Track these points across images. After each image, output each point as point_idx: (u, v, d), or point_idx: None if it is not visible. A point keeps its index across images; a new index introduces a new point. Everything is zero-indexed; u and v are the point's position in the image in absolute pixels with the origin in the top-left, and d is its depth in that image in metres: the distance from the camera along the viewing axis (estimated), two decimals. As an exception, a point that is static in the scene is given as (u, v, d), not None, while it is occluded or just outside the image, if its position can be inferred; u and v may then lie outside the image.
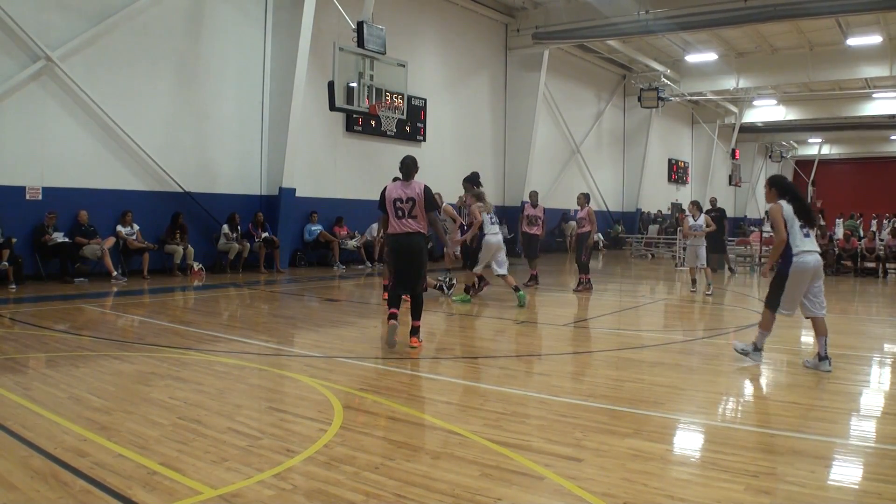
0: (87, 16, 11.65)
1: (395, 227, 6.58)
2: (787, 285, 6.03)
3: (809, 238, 6.04)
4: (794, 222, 6.02)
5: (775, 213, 6.06)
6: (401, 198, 6.53)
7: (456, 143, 19.79)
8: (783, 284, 6.04)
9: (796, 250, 5.97)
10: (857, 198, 37.43)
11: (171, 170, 12.96)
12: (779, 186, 6.28)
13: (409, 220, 6.53)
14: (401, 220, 6.54)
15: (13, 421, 4.07)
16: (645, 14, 18.25)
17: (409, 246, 6.57)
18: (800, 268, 5.95)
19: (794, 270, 5.95)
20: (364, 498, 3.10)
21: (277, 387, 5.32)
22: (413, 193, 6.51)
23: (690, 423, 4.52)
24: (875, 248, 16.51)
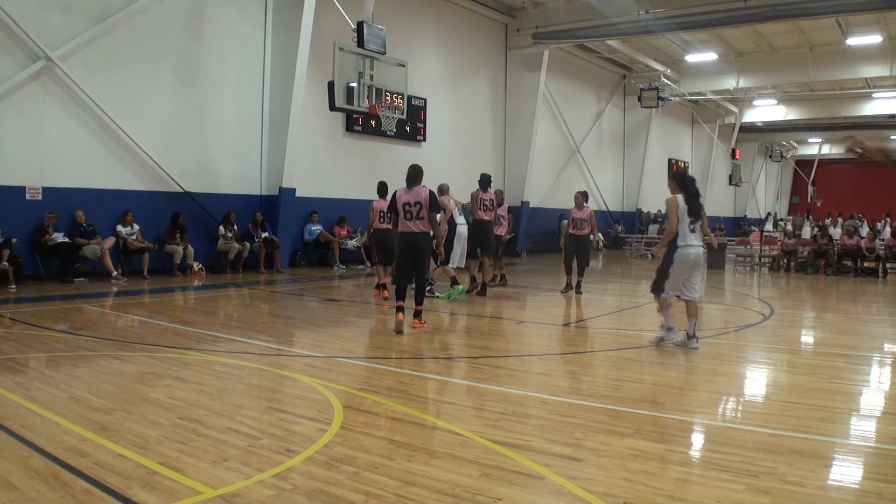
0: (87, 16, 11.65)
1: (404, 226, 7.52)
2: (670, 272, 6.73)
3: (695, 234, 6.68)
4: (685, 217, 6.63)
5: (671, 205, 6.67)
6: (409, 202, 7.45)
7: (456, 143, 19.79)
8: (667, 271, 6.75)
9: (682, 243, 6.64)
10: (857, 198, 37.42)
11: (171, 170, 12.96)
12: (680, 181, 6.87)
13: (416, 221, 7.44)
14: (409, 221, 7.46)
15: (13, 421, 4.07)
16: (645, 14, 18.26)
17: (414, 243, 7.49)
18: (682, 258, 6.63)
19: (677, 259, 6.65)
20: (364, 498, 3.10)
21: (277, 387, 5.32)
22: (420, 198, 7.44)
23: (690, 423, 4.52)
24: (875, 248, 16.50)
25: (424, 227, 7.49)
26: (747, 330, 8.38)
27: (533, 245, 22.48)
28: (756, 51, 24.42)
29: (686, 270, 6.73)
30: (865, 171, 41.38)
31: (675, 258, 6.68)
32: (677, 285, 6.81)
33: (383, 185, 10.36)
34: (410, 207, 7.45)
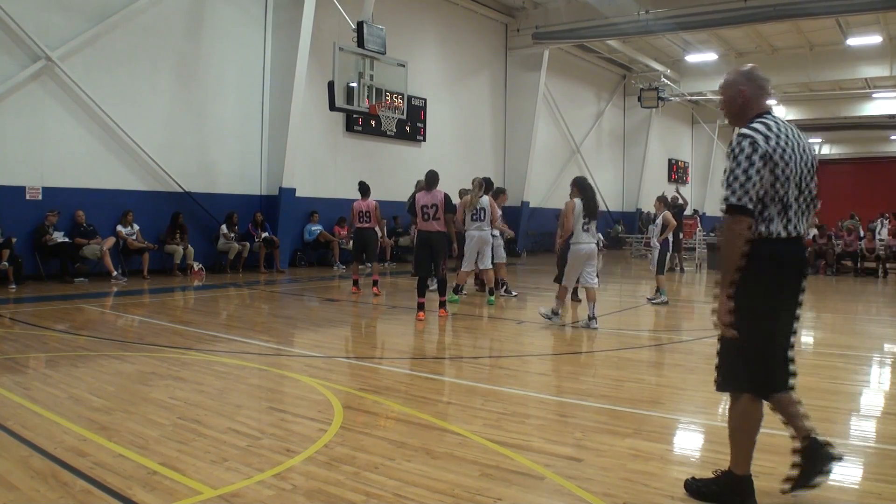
0: (87, 16, 11.65)
1: (422, 226, 8.52)
2: (567, 265, 8.02)
3: (588, 233, 7.87)
4: (580, 219, 7.78)
5: (569, 207, 7.87)
6: (427, 204, 8.40)
7: (456, 143, 19.79)
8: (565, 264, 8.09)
9: (575, 240, 7.88)
10: (858, 198, 37.41)
11: (171, 170, 12.97)
12: (579, 186, 8.03)
13: (433, 221, 8.39)
14: (427, 222, 8.41)
15: (13, 421, 4.07)
16: (645, 14, 18.26)
17: (430, 241, 8.42)
18: (575, 253, 7.89)
19: (571, 254, 7.93)
20: (364, 498, 3.10)
21: (277, 387, 5.32)
22: (436, 200, 8.38)
23: (690, 423, 4.52)
24: (875, 248, 16.50)
25: (440, 227, 8.42)
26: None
27: (533, 245, 22.48)
28: (756, 51, 24.42)
29: (581, 262, 7.93)
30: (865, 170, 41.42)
31: (570, 253, 7.95)
32: (575, 276, 8.08)
33: (363, 186, 10.65)
34: (428, 209, 8.38)
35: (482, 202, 9.91)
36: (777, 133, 2.98)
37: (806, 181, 3.03)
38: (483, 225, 9.89)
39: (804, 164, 3.02)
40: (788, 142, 2.99)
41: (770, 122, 3.01)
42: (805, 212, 3.06)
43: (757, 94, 3.11)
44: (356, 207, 10.56)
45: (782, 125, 3.04)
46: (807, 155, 3.04)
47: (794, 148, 3.00)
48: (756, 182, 2.91)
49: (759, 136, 2.94)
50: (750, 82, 3.12)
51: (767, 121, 3.01)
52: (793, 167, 2.98)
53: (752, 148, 2.93)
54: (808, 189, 3.06)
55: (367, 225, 10.49)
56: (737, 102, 3.14)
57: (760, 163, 2.91)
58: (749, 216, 2.93)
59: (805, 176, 3.03)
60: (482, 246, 9.88)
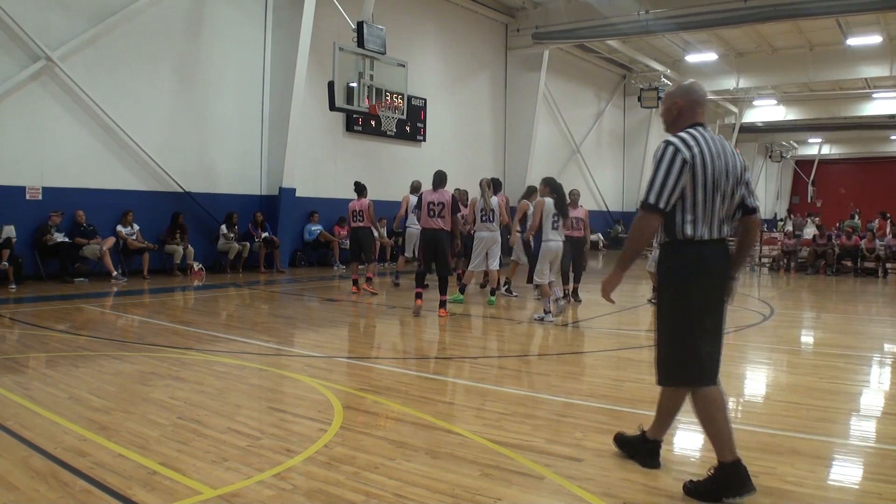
0: (87, 16, 11.65)
1: (427, 223, 8.70)
2: (539, 261, 8.39)
3: (556, 230, 8.36)
4: (549, 216, 8.26)
5: (538, 206, 8.37)
6: (433, 202, 8.64)
7: (456, 143, 19.79)
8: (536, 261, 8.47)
9: (545, 237, 8.32)
10: (857, 198, 37.41)
11: (171, 170, 12.97)
12: (551, 186, 8.50)
13: (437, 219, 8.62)
14: (432, 219, 8.63)
15: (13, 421, 4.07)
16: (645, 14, 18.25)
17: (434, 238, 8.67)
18: (546, 249, 8.32)
19: (542, 250, 8.34)
20: (364, 498, 3.10)
21: (277, 387, 5.32)
22: (444, 199, 8.63)
23: (691, 423, 4.51)
24: (875, 248, 16.50)
25: (444, 225, 8.65)
26: (747, 330, 8.38)
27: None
28: (756, 51, 24.41)
29: (550, 258, 8.31)
30: (865, 170, 41.43)
31: (541, 249, 8.35)
32: (547, 271, 8.34)
33: (359, 185, 10.76)
34: (434, 206, 8.62)
35: (492, 203, 9.93)
36: (701, 143, 3.20)
37: (729, 190, 3.25)
38: (492, 225, 9.88)
39: (729, 174, 3.24)
40: (713, 153, 3.21)
41: (697, 133, 3.24)
42: (729, 217, 3.30)
43: (691, 107, 3.36)
44: (351, 207, 10.74)
45: (710, 137, 3.26)
46: (733, 166, 3.26)
47: (719, 158, 3.21)
48: (672, 185, 3.16)
49: (683, 145, 3.19)
50: (685, 96, 3.38)
51: (695, 132, 3.25)
52: (715, 176, 3.19)
53: (673, 154, 3.18)
54: (732, 197, 3.28)
55: (362, 224, 10.61)
56: (672, 113, 3.42)
57: (679, 169, 3.16)
58: (660, 214, 3.19)
59: (729, 185, 3.25)
60: (491, 246, 9.89)
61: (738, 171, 3.30)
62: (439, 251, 8.66)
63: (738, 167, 3.30)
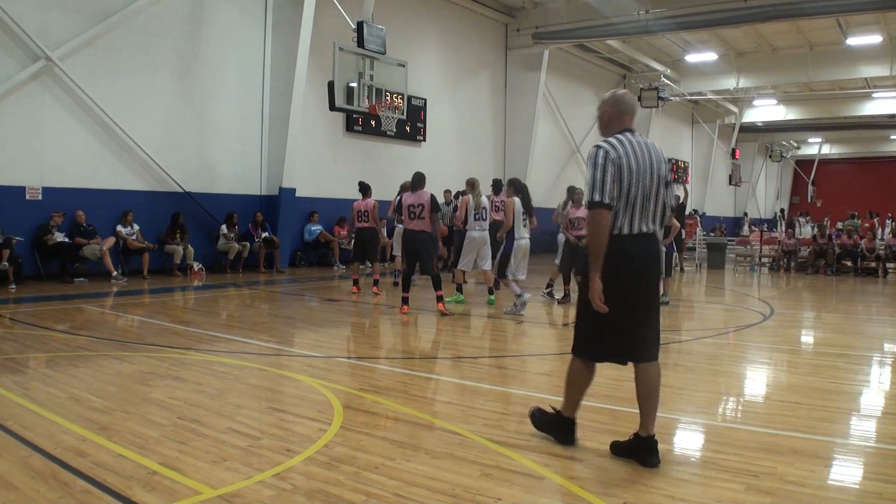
0: (87, 16, 11.65)
1: (408, 225, 8.87)
2: (511, 258, 8.79)
3: (526, 227, 8.84)
4: (520, 215, 8.72)
5: (510, 206, 8.81)
6: (413, 203, 8.75)
7: (456, 143, 19.78)
8: (508, 258, 8.84)
9: (517, 235, 8.77)
10: (857, 198, 37.42)
11: (171, 170, 12.97)
12: (515, 187, 8.97)
13: (418, 220, 8.74)
14: (413, 221, 8.76)
15: (13, 421, 4.07)
16: (645, 14, 18.25)
17: (416, 239, 8.80)
18: (517, 247, 8.78)
19: (514, 248, 8.77)
20: (364, 498, 3.10)
21: (277, 387, 5.32)
22: (422, 200, 8.72)
23: (690, 423, 4.52)
24: (875, 248, 16.50)
25: (425, 227, 8.75)
26: (747, 330, 8.38)
27: (533, 245, 22.47)
28: (756, 51, 24.41)
29: (520, 255, 8.74)
30: (866, 170, 41.44)
31: (512, 247, 8.74)
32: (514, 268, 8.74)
33: (363, 186, 10.73)
34: (414, 208, 8.72)
35: (483, 202, 9.92)
36: (626, 146, 3.56)
37: (653, 190, 3.58)
38: (484, 225, 9.87)
39: (652, 175, 3.58)
40: (637, 155, 3.55)
41: (623, 138, 3.60)
42: (654, 214, 3.63)
43: (619, 115, 3.71)
44: (356, 207, 10.65)
45: (636, 141, 3.61)
46: (657, 168, 3.60)
47: (643, 160, 3.56)
48: (610, 182, 3.50)
49: (609, 147, 3.55)
50: (614, 105, 3.72)
51: (622, 136, 3.61)
52: (638, 176, 3.53)
53: (604, 156, 3.53)
54: (656, 196, 3.61)
55: (367, 224, 10.55)
56: (603, 119, 3.78)
57: (612, 167, 3.51)
58: (608, 209, 3.50)
59: (652, 185, 3.58)
60: (481, 246, 9.88)
61: (663, 172, 3.63)
62: (421, 252, 8.81)
63: (663, 169, 3.64)
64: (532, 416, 3.97)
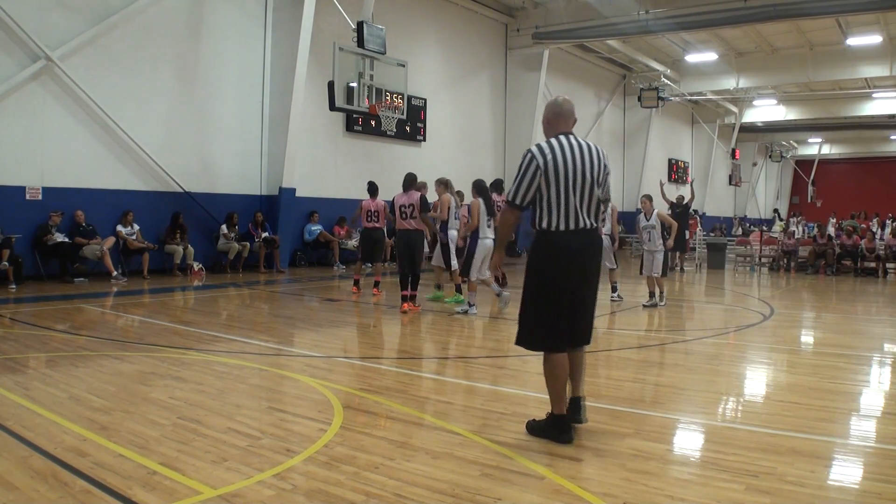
0: (87, 16, 11.65)
1: (401, 225, 9.01)
2: (475, 258, 8.78)
3: (490, 228, 8.75)
4: (484, 216, 8.73)
5: (475, 207, 8.83)
6: (404, 204, 8.93)
7: (456, 143, 19.78)
8: (472, 257, 8.86)
9: (482, 235, 8.73)
10: (857, 198, 37.43)
11: (171, 170, 12.96)
12: (478, 188, 8.97)
13: (410, 220, 8.92)
14: (405, 220, 8.93)
15: (13, 421, 4.07)
16: (645, 14, 18.26)
17: (408, 238, 8.98)
18: (482, 247, 8.70)
19: (479, 248, 8.72)
20: (364, 498, 3.10)
21: (277, 387, 5.32)
22: (413, 200, 8.88)
23: (690, 423, 4.52)
24: (875, 248, 16.50)
25: (417, 226, 8.93)
26: (747, 330, 8.38)
27: (533, 245, 22.50)
28: (756, 51, 24.41)
29: (484, 255, 8.69)
30: (865, 170, 41.44)
31: (477, 247, 8.74)
32: (480, 268, 8.73)
33: (373, 186, 10.70)
34: (405, 209, 8.90)
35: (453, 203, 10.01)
36: (556, 150, 3.82)
37: (587, 189, 3.84)
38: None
39: (585, 175, 3.84)
40: (568, 156, 3.81)
41: (555, 142, 3.86)
42: (589, 211, 3.88)
43: (555, 120, 4.00)
44: (365, 206, 10.48)
45: (570, 144, 3.86)
46: (590, 169, 3.86)
47: (577, 161, 3.82)
48: (527, 187, 3.83)
49: (538, 153, 3.82)
50: (551, 110, 4.03)
51: (557, 140, 3.87)
52: (568, 177, 3.80)
53: (529, 161, 3.83)
54: (590, 194, 3.86)
55: (377, 225, 10.43)
56: (544, 123, 4.08)
57: (533, 173, 3.81)
58: (517, 209, 3.92)
59: (586, 185, 3.84)
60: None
61: (596, 172, 3.88)
62: (415, 252, 8.99)
63: (596, 170, 3.88)
64: (528, 427, 4.05)
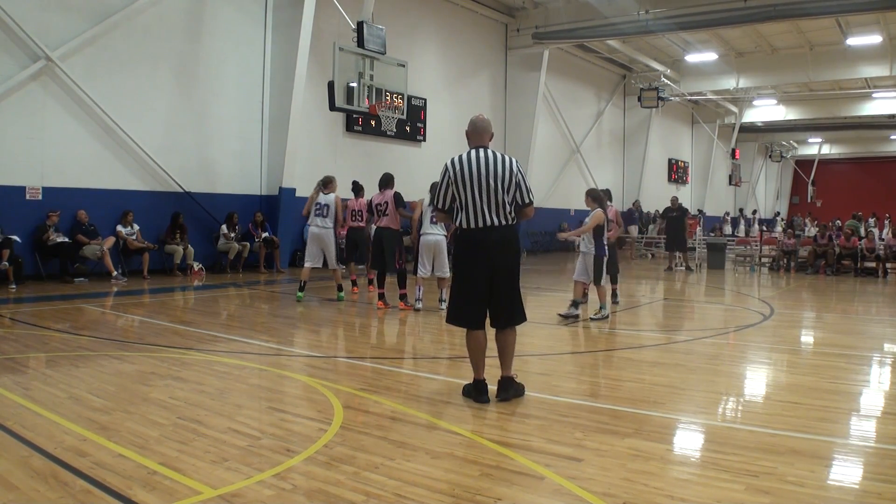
0: (87, 16, 11.66)
1: (377, 223, 9.42)
2: (418, 254, 9.07)
3: (434, 225, 8.79)
4: (427, 212, 8.77)
5: (416, 204, 9.24)
6: (379, 203, 9.36)
7: (456, 143, 19.70)
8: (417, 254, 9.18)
9: (423, 231, 8.97)
10: (857, 198, 37.43)
11: (171, 170, 12.97)
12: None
13: (383, 217, 9.30)
14: (380, 219, 9.34)
15: (13, 421, 4.07)
16: (645, 14, 18.26)
17: (381, 236, 9.34)
18: (423, 242, 8.94)
19: (420, 244, 8.99)
20: (364, 498, 3.10)
21: (277, 387, 5.32)
22: (387, 198, 9.29)
23: (690, 423, 4.52)
24: (875, 248, 16.50)
25: (389, 223, 9.27)
26: (747, 330, 8.38)
27: (533, 245, 22.49)
28: (756, 51, 24.42)
29: (427, 252, 8.88)
30: (866, 170, 41.43)
31: (420, 243, 9.04)
32: (425, 265, 8.91)
33: (357, 185, 10.87)
34: (381, 207, 9.30)
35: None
36: (465, 161, 4.66)
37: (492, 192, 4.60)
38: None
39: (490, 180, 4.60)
40: (474, 168, 4.62)
41: (464, 155, 4.70)
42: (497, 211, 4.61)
43: (470, 136, 4.83)
44: (350, 206, 10.61)
45: (475, 156, 4.67)
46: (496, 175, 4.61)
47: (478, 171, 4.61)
48: (444, 191, 4.73)
49: (450, 163, 4.71)
50: (470, 126, 4.85)
51: (467, 154, 4.71)
52: (474, 183, 4.60)
53: (445, 170, 4.73)
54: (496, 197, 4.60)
55: (361, 224, 10.55)
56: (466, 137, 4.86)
57: (447, 180, 4.70)
58: (441, 211, 4.81)
59: (492, 188, 4.60)
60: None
61: (501, 178, 4.61)
62: (386, 249, 9.28)
63: (501, 176, 4.61)
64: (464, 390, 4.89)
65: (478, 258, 4.62)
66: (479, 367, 4.74)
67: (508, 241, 4.68)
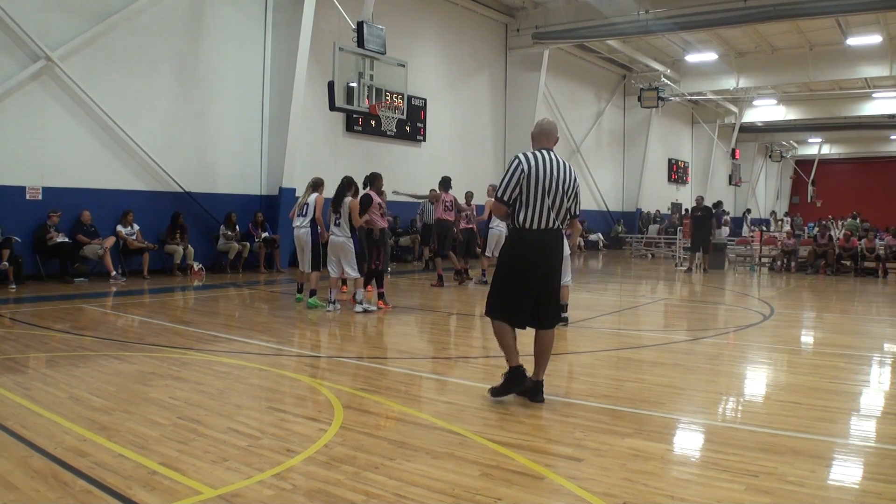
0: (87, 16, 11.66)
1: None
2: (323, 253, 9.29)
3: (338, 227, 8.98)
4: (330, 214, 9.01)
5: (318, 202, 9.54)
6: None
7: (456, 143, 19.79)
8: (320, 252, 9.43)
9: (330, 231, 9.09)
10: (857, 198, 37.42)
11: (171, 170, 12.97)
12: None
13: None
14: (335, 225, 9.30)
15: (13, 421, 4.07)
16: (645, 14, 18.27)
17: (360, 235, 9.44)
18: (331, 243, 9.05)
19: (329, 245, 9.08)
20: (364, 498, 3.10)
21: (277, 387, 5.32)
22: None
23: (690, 423, 4.52)
24: (875, 248, 16.50)
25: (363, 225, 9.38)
26: (747, 330, 8.38)
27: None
28: (756, 51, 24.43)
29: (334, 252, 9.00)
30: (866, 170, 41.43)
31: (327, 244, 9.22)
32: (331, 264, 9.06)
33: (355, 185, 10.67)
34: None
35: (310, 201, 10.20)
36: (539, 160, 4.58)
37: (557, 198, 4.58)
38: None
39: (557, 186, 4.58)
40: (547, 169, 4.56)
41: (538, 154, 4.64)
42: (557, 215, 4.62)
43: (538, 137, 4.80)
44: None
45: (550, 158, 4.63)
46: (562, 182, 4.61)
47: (551, 174, 4.57)
48: (513, 186, 4.56)
49: (524, 158, 4.59)
50: (536, 129, 4.85)
51: (538, 152, 4.66)
52: (543, 185, 4.53)
53: (516, 165, 4.59)
54: (561, 203, 4.62)
55: None
56: (532, 139, 4.86)
57: (518, 175, 4.55)
58: (504, 204, 4.63)
59: (557, 194, 4.58)
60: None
61: (567, 185, 4.63)
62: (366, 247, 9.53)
63: (567, 183, 4.63)
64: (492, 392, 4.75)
65: (536, 259, 4.59)
66: (515, 353, 4.71)
67: (561, 245, 4.77)
